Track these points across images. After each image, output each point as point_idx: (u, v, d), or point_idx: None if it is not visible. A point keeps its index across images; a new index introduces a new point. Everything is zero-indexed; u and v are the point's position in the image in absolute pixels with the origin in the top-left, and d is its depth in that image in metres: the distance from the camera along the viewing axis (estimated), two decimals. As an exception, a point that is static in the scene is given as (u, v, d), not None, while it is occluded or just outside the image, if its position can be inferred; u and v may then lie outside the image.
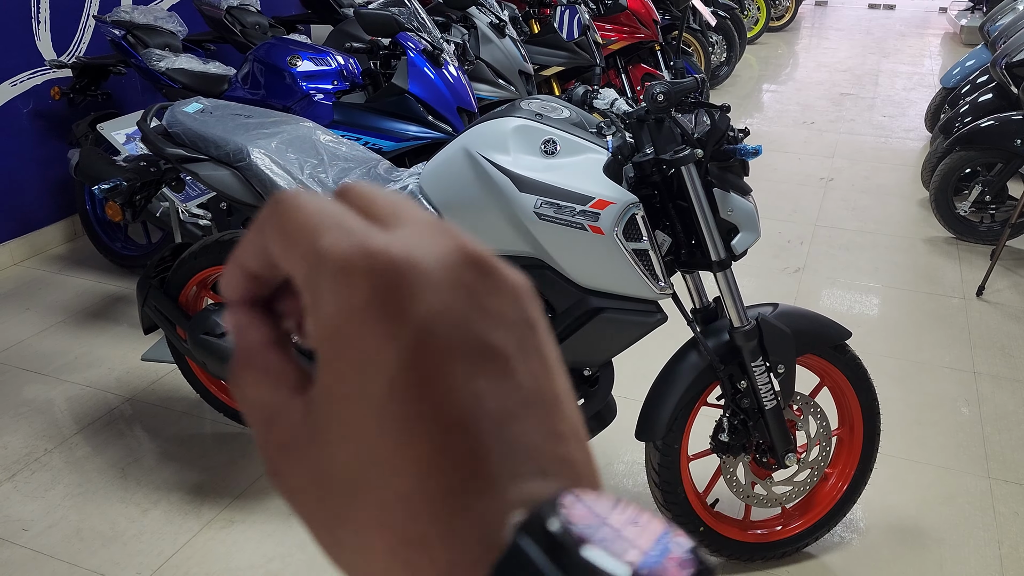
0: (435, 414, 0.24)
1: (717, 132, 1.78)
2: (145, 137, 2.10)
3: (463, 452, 0.24)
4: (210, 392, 2.54)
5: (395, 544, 0.24)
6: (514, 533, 0.23)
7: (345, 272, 0.24)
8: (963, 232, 3.94)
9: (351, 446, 0.24)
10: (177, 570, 2.09)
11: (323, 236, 0.24)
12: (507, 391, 0.25)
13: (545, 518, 0.23)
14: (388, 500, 0.24)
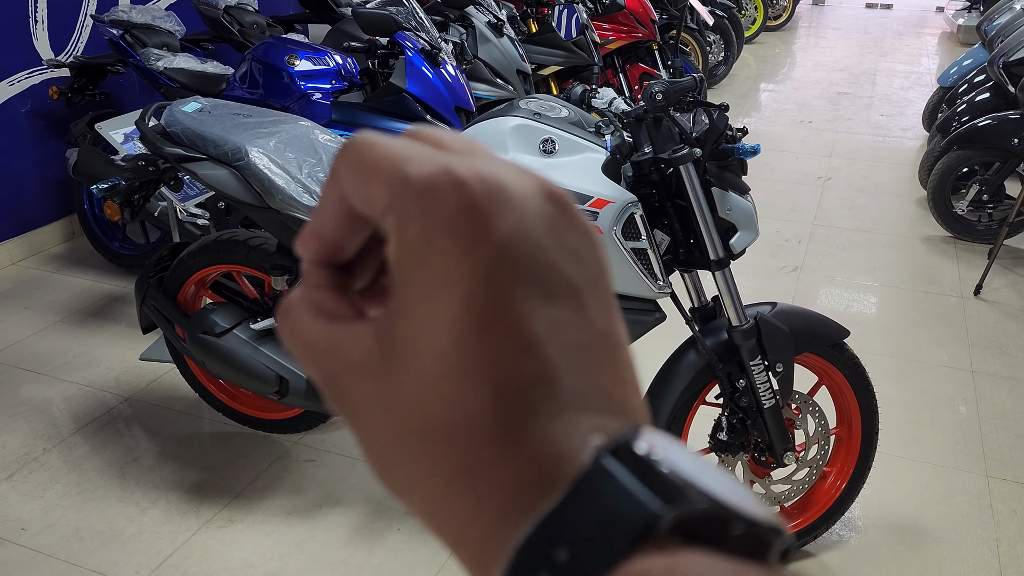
0: (510, 333, 0.24)
1: (715, 131, 1.78)
2: (143, 136, 2.10)
3: (535, 375, 0.24)
4: (209, 391, 2.54)
5: (460, 465, 0.24)
6: (595, 454, 0.23)
7: (431, 191, 0.24)
8: (961, 231, 3.95)
9: (424, 362, 0.24)
10: (176, 569, 2.09)
11: (406, 163, 0.25)
12: (579, 325, 0.25)
13: (630, 442, 0.23)
14: (458, 418, 0.24)
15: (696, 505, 0.22)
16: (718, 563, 0.22)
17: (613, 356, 0.26)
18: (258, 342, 2.19)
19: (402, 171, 0.25)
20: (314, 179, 2.00)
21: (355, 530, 2.20)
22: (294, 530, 2.20)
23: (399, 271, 0.25)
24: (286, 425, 2.52)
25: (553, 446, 0.24)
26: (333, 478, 2.39)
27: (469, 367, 0.24)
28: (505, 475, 0.24)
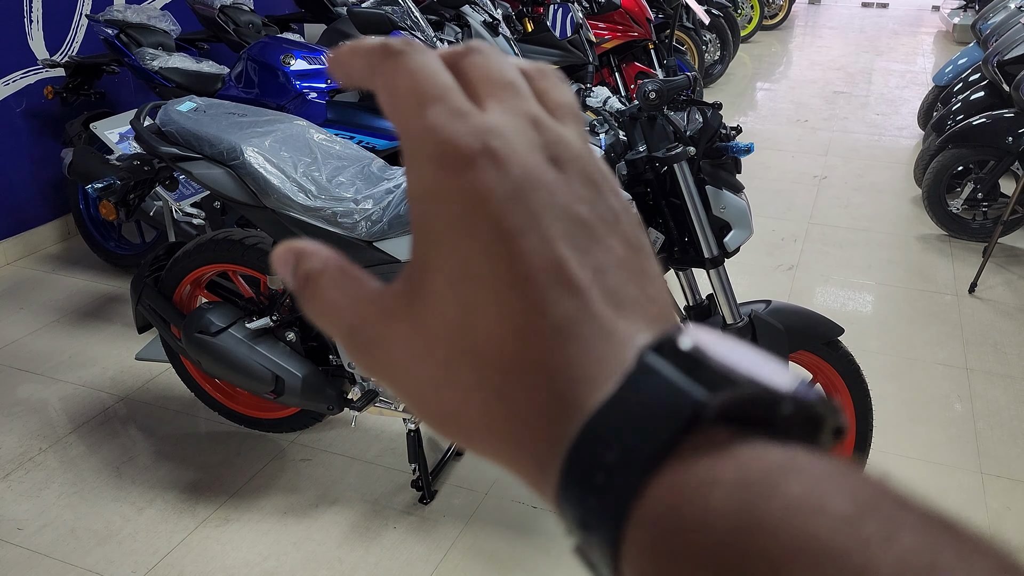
0: (540, 253, 0.25)
1: (709, 130, 1.78)
2: (139, 136, 2.10)
3: (567, 288, 0.25)
4: (204, 391, 2.54)
5: (506, 380, 0.25)
6: (639, 353, 0.23)
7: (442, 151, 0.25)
8: (955, 229, 3.96)
9: (462, 290, 0.25)
10: (172, 568, 2.09)
11: (427, 109, 0.26)
12: (599, 252, 0.26)
13: (673, 338, 0.23)
14: (503, 332, 0.25)
15: (741, 390, 0.22)
16: (768, 450, 0.22)
17: (641, 274, 0.27)
18: (254, 341, 2.19)
19: (422, 121, 0.26)
20: (309, 178, 2.00)
21: (351, 529, 2.20)
22: (290, 529, 2.21)
23: (417, 213, 0.26)
24: (282, 424, 2.53)
25: (596, 351, 0.24)
26: (329, 477, 2.39)
27: (509, 285, 0.25)
28: (553, 383, 0.24)
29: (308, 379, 2.17)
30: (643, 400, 0.22)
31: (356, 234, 1.95)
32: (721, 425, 0.22)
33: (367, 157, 2.13)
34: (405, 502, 2.29)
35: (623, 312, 0.25)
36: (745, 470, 0.21)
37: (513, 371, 0.25)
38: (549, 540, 2.16)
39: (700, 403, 0.22)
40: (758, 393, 0.22)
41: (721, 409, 0.22)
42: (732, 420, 0.22)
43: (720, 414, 0.22)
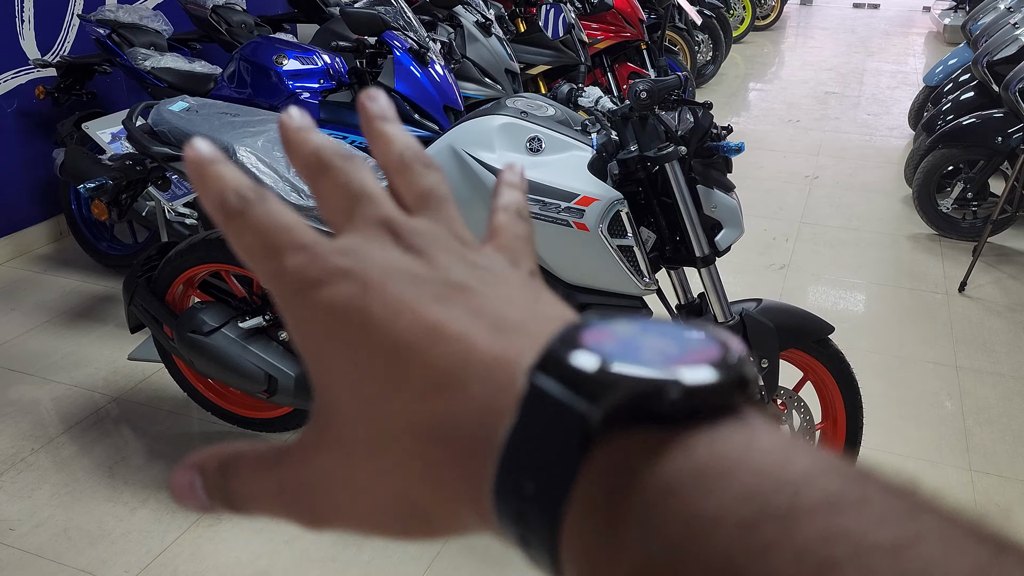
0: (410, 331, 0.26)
1: (700, 129, 1.79)
2: (131, 136, 2.10)
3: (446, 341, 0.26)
4: (197, 391, 2.53)
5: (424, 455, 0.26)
6: (529, 375, 0.24)
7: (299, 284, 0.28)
8: (945, 229, 3.98)
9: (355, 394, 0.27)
10: (165, 568, 2.09)
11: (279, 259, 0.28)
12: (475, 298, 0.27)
13: (556, 352, 0.24)
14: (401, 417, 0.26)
15: (621, 393, 0.22)
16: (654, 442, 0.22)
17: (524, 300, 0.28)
18: (247, 341, 2.20)
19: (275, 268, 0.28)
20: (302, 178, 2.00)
21: (344, 528, 2.21)
22: (283, 528, 2.21)
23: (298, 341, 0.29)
24: (275, 424, 2.53)
25: (493, 383, 0.25)
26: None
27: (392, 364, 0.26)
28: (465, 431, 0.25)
29: (301, 378, 2.17)
30: (539, 424, 0.23)
31: (349, 233, 1.95)
32: (624, 428, 0.23)
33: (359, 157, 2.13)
34: (398, 501, 2.30)
35: (511, 338, 0.26)
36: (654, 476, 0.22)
37: (429, 437, 0.25)
38: (542, 538, 2.17)
39: (585, 417, 0.22)
40: (638, 392, 0.23)
41: (609, 420, 0.22)
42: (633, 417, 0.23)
43: (612, 421, 0.22)
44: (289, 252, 0.28)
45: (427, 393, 0.25)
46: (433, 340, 0.26)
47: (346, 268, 0.27)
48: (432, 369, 0.26)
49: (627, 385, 0.22)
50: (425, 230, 0.30)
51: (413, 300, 0.27)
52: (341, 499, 0.28)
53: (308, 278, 0.27)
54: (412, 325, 0.26)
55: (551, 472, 0.23)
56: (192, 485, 0.29)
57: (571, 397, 0.23)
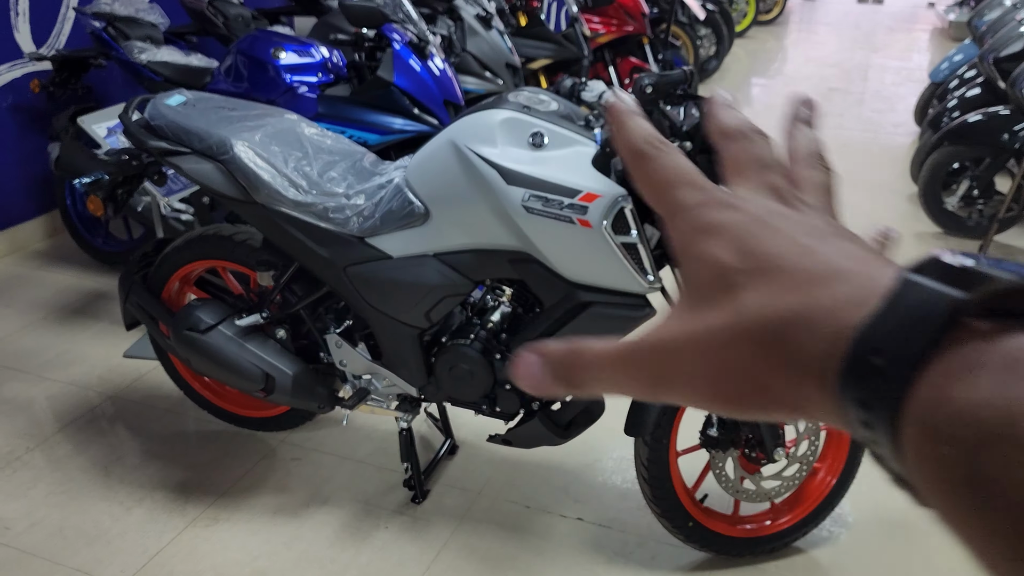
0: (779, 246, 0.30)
1: (706, 124, 1.76)
2: (127, 130, 2.07)
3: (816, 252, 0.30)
4: (194, 389, 2.50)
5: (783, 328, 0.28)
6: (902, 273, 0.26)
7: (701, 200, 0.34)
8: (951, 227, 3.94)
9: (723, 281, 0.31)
10: (162, 568, 2.06)
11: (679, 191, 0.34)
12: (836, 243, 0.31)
13: (934, 258, 0.26)
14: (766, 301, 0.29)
15: (998, 284, 0.24)
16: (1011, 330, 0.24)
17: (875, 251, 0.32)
18: (244, 338, 2.16)
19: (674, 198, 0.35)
20: (300, 173, 1.97)
21: (342, 528, 2.18)
22: (281, 529, 2.18)
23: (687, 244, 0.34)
24: (272, 423, 2.50)
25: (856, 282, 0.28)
26: (319, 476, 2.36)
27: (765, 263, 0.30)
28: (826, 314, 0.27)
29: (299, 377, 2.14)
30: (907, 307, 0.25)
31: (348, 229, 1.92)
32: (986, 320, 0.24)
33: (359, 152, 2.10)
34: (397, 502, 2.27)
35: (869, 261, 0.29)
36: (1009, 355, 0.23)
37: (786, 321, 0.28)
38: (542, 540, 2.14)
39: (960, 300, 0.24)
40: (1016, 284, 0.24)
41: (982, 304, 0.24)
42: (998, 316, 0.24)
43: (983, 310, 0.24)
44: (687, 187, 0.34)
45: (791, 288, 0.28)
46: (805, 255, 0.29)
47: (733, 203, 0.33)
48: (800, 271, 0.29)
49: (1004, 279, 0.24)
50: (806, 200, 0.35)
51: (789, 229, 0.31)
52: (688, 362, 0.30)
53: (700, 202, 0.33)
54: (787, 244, 0.30)
55: (904, 349, 0.24)
56: (536, 365, 0.34)
57: (946, 287, 0.24)
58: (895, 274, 0.26)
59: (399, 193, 1.86)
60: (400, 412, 2.18)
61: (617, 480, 2.36)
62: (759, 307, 0.29)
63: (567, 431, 2.00)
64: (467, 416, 2.52)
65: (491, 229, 1.78)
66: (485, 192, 1.74)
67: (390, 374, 2.08)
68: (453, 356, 1.96)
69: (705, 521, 2.03)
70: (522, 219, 1.73)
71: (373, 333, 2.06)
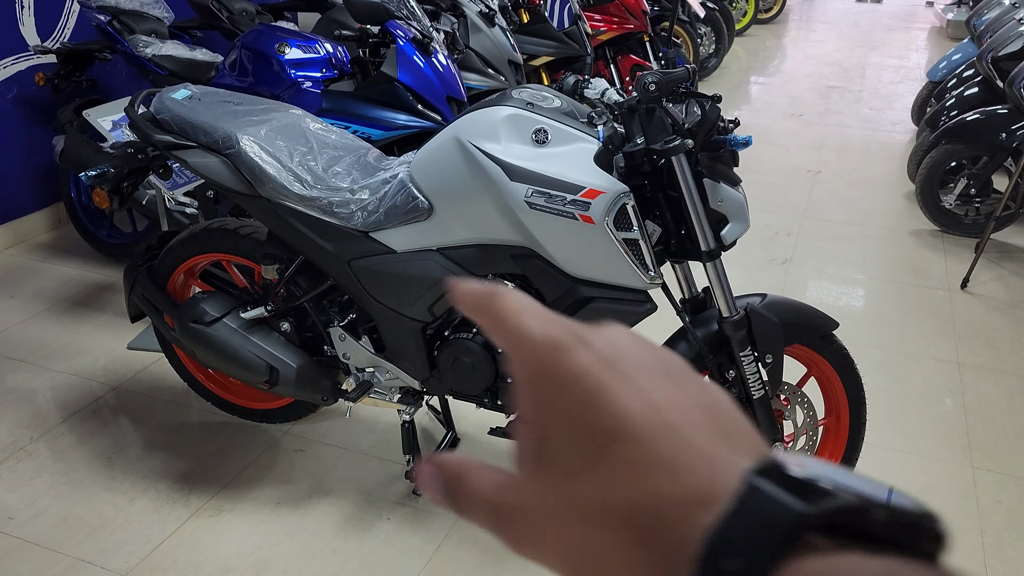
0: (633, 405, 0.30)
1: (708, 122, 1.78)
2: (133, 123, 2.08)
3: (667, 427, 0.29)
4: (198, 381, 2.53)
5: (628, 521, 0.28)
6: (746, 475, 0.26)
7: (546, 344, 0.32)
8: (948, 225, 3.97)
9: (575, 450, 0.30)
10: (165, 558, 2.09)
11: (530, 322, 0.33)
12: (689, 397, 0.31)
13: (772, 461, 0.26)
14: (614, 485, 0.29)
15: (837, 500, 0.25)
16: (868, 561, 0.24)
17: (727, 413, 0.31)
18: (248, 331, 2.18)
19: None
20: (305, 168, 1.99)
21: (345, 520, 2.20)
22: (284, 520, 2.20)
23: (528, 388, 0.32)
24: (275, 415, 2.52)
25: (704, 477, 0.27)
26: (323, 468, 2.39)
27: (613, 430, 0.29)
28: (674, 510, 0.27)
29: (303, 369, 2.16)
30: (753, 515, 0.25)
31: (352, 224, 1.94)
32: (824, 536, 0.25)
33: (363, 147, 2.12)
34: (399, 493, 2.29)
35: (720, 443, 0.29)
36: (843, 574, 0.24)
37: (632, 515, 0.28)
38: (543, 532, 2.16)
39: (801, 513, 0.24)
40: (853, 502, 0.25)
41: (821, 519, 0.25)
42: (833, 532, 0.25)
43: (821, 525, 0.25)
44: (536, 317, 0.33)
45: (640, 472, 0.28)
46: (654, 423, 0.29)
47: (588, 340, 0.32)
48: (652, 450, 0.28)
49: (842, 495, 0.25)
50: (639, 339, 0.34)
51: (637, 381, 0.30)
52: (543, 537, 0.30)
53: (558, 340, 0.32)
54: (635, 402, 0.29)
55: (755, 555, 0.25)
56: (434, 477, 0.34)
57: (787, 497, 0.25)
58: (739, 472, 0.27)
59: (403, 188, 1.88)
60: (403, 405, 2.20)
61: (616, 473, 2.38)
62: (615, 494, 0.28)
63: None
64: (468, 409, 2.55)
65: (494, 224, 1.80)
66: (488, 188, 1.77)
67: (393, 367, 2.10)
68: (456, 349, 1.99)
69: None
70: (525, 215, 1.75)
71: (376, 326, 2.08)
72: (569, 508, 0.30)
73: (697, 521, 0.26)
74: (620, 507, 0.28)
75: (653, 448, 0.28)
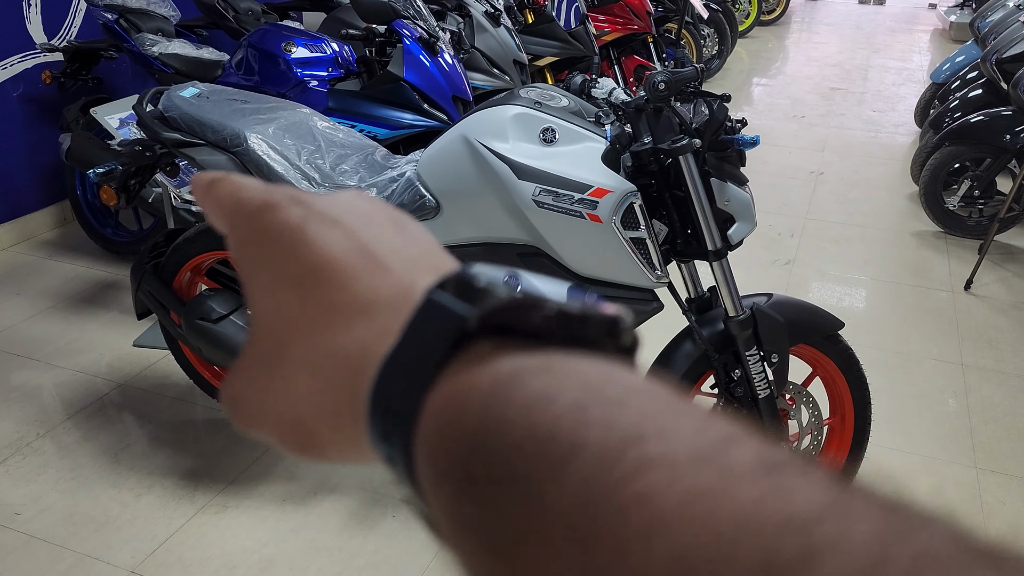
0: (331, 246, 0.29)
1: (715, 122, 1.79)
2: (141, 121, 2.09)
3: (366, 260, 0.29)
4: (204, 378, 2.53)
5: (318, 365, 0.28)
6: (427, 291, 0.26)
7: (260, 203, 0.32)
8: (952, 226, 3.98)
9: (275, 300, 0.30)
10: (171, 554, 2.09)
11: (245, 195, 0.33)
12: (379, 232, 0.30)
13: (457, 275, 0.26)
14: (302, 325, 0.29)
15: (499, 301, 0.24)
16: (524, 355, 0.24)
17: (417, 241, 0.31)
18: (255, 329, 2.19)
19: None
20: (312, 166, 2.00)
21: (350, 517, 2.21)
22: (289, 516, 2.21)
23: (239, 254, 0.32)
24: (281, 412, 2.52)
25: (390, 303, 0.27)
26: (328, 465, 2.39)
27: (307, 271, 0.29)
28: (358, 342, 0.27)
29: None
30: (423, 331, 0.25)
31: (359, 222, 1.95)
32: (491, 339, 0.24)
33: (371, 146, 2.13)
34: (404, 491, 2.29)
35: (410, 268, 0.29)
36: (496, 374, 0.23)
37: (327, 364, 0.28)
38: (548, 530, 2.17)
39: (462, 317, 0.24)
40: (516, 301, 0.24)
41: (484, 320, 0.24)
42: (503, 332, 0.24)
43: (488, 327, 0.24)
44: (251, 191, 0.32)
45: (337, 316, 0.28)
46: (360, 264, 0.28)
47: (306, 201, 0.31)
48: (349, 292, 0.28)
49: (507, 294, 0.24)
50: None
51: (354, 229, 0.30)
52: (260, 410, 0.30)
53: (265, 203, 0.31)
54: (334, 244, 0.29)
55: (419, 371, 0.24)
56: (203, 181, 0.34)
57: (456, 303, 0.25)
58: (423, 290, 0.26)
59: (411, 187, 1.89)
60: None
61: (621, 472, 2.38)
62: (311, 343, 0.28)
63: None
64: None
65: (501, 223, 1.81)
66: (496, 186, 1.77)
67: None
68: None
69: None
70: (532, 213, 1.76)
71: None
72: (271, 371, 0.29)
73: (377, 352, 0.26)
74: (312, 357, 0.28)
75: (350, 290, 0.28)
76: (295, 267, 0.29)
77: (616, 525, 0.19)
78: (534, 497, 0.20)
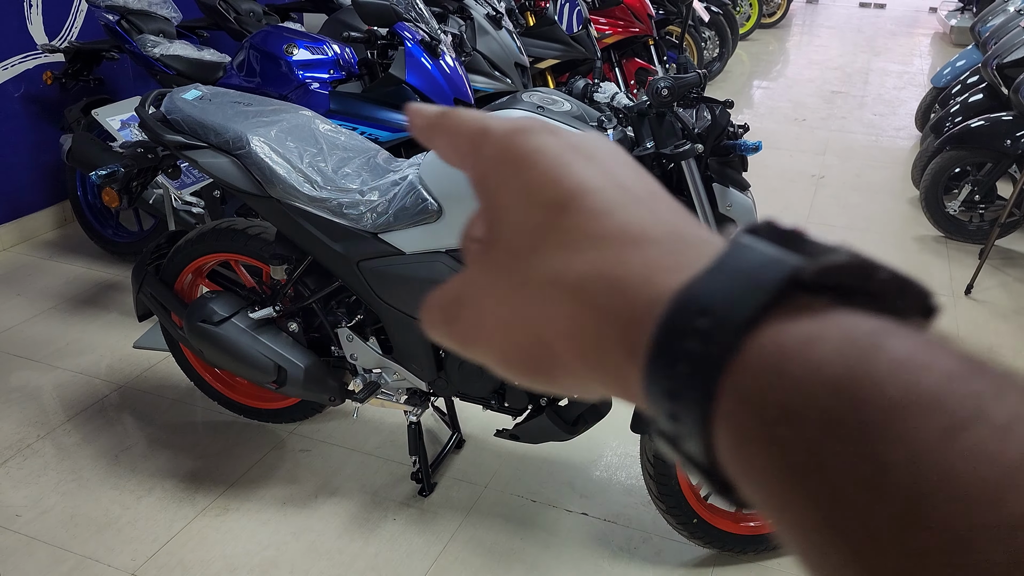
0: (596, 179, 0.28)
1: (717, 127, 1.79)
2: (144, 124, 2.09)
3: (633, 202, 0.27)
4: (204, 380, 2.53)
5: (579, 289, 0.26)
6: (735, 235, 0.24)
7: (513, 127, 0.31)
8: (952, 231, 3.98)
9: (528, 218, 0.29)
10: (171, 557, 2.09)
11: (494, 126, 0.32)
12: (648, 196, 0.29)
13: (770, 222, 0.24)
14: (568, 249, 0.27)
15: (839, 257, 0.22)
16: (868, 316, 0.22)
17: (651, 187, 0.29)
18: (256, 331, 2.19)
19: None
20: (315, 169, 2.00)
21: (351, 520, 2.21)
22: (290, 519, 2.21)
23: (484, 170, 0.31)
24: (281, 415, 2.52)
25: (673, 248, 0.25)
26: (328, 468, 2.39)
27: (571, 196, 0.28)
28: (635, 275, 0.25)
29: (310, 370, 2.17)
30: (739, 270, 0.23)
31: (362, 225, 1.95)
32: (819, 294, 0.22)
33: (373, 149, 2.13)
34: (405, 494, 2.30)
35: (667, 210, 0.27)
36: (849, 329, 0.21)
37: (589, 278, 0.26)
38: (548, 534, 2.17)
39: (798, 267, 0.22)
40: (855, 261, 0.23)
41: (818, 275, 0.22)
42: (829, 291, 0.23)
43: (817, 283, 0.22)
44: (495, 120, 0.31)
45: (599, 242, 0.26)
46: (622, 198, 0.27)
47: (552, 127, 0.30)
48: (614, 220, 0.26)
49: (844, 253, 0.23)
50: None
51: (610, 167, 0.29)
52: (486, 324, 0.29)
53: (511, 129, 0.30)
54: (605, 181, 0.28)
55: (735, 312, 0.22)
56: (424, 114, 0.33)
57: (783, 252, 0.22)
58: (712, 247, 0.24)
59: (413, 190, 1.89)
60: (409, 406, 2.21)
61: (622, 476, 2.39)
62: (565, 264, 0.26)
63: (574, 427, 2.03)
64: (474, 410, 2.55)
65: (504, 227, 1.81)
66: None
67: (400, 368, 2.11)
68: (464, 351, 1.99)
69: (710, 518, 2.07)
70: (535, 217, 1.76)
71: (384, 328, 2.09)
72: (510, 286, 0.28)
73: (664, 284, 0.24)
74: (568, 277, 0.26)
75: (615, 218, 0.26)
76: (553, 190, 0.27)
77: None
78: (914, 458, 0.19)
